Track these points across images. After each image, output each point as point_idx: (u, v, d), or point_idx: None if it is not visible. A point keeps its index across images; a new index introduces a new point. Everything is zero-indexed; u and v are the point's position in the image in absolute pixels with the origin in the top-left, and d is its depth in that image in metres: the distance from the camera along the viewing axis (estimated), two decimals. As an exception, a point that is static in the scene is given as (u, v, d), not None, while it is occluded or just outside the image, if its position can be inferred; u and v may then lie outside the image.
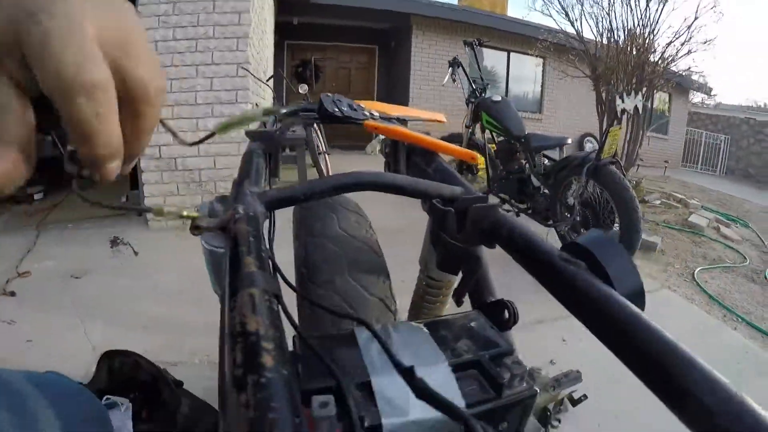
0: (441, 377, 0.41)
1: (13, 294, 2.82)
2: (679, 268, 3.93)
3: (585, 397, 1.97)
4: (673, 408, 0.31)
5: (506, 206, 4.14)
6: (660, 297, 3.28)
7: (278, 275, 0.45)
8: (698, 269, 3.92)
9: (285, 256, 0.92)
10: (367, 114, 0.84)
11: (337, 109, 0.79)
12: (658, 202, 6.10)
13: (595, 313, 0.40)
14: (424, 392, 0.29)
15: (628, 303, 0.39)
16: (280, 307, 0.34)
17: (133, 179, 4.22)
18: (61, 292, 2.90)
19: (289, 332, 0.42)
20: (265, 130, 0.89)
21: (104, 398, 1.58)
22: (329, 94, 0.80)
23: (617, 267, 0.43)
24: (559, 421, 2.10)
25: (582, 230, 3.44)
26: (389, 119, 0.88)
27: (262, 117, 0.39)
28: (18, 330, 2.35)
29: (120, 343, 1.83)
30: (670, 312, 3.05)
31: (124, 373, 1.70)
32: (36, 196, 4.87)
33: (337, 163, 5.04)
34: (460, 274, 0.70)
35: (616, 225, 3.22)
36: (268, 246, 0.55)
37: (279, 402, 0.23)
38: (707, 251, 4.54)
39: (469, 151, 0.86)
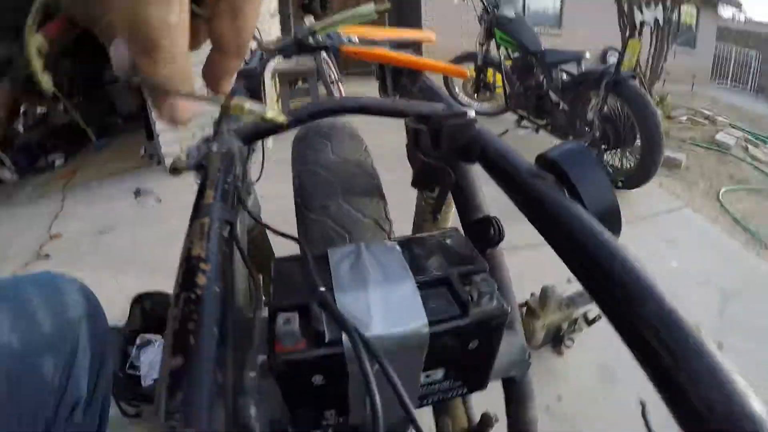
0: (406, 294, 0.42)
1: (47, 257, 2.94)
2: (703, 188, 3.84)
3: (599, 317, 2.00)
4: (631, 348, 0.30)
5: (525, 122, 4.09)
6: (682, 217, 3.23)
7: (242, 206, 0.45)
8: (723, 189, 3.82)
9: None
10: (345, 40, 0.83)
11: (311, 40, 0.79)
12: (684, 118, 5.89)
13: (563, 234, 0.38)
14: (333, 313, 0.29)
15: (598, 225, 0.36)
16: (232, 234, 0.34)
17: (148, 130, 4.25)
18: (92, 248, 3.01)
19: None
20: (245, 68, 0.88)
21: (138, 337, 1.67)
22: (306, 24, 0.79)
23: (588, 183, 0.41)
24: (573, 341, 2.14)
25: (602, 146, 3.37)
26: (372, 43, 0.87)
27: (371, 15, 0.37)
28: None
29: (152, 287, 1.91)
30: (692, 233, 3.01)
31: (156, 313, 1.79)
32: (57, 163, 4.97)
33: (353, 90, 4.96)
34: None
35: (638, 141, 3.15)
36: (246, 178, 0.56)
37: (202, 315, 0.25)
38: (734, 171, 4.40)
39: (456, 67, 0.86)
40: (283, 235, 0.44)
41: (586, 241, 0.35)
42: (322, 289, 0.29)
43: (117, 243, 3.05)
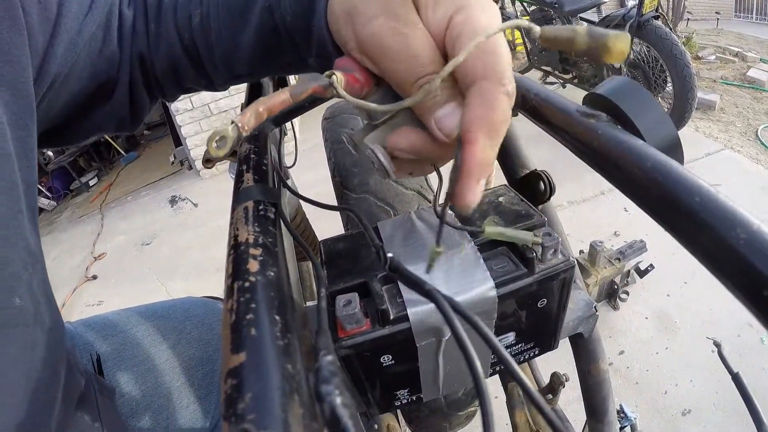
0: (467, 259, 0.39)
1: (95, 277, 3.03)
2: (741, 127, 3.66)
3: (652, 266, 1.97)
4: (723, 279, 0.26)
5: (551, 78, 4.00)
6: (723, 158, 3.11)
7: (285, 185, 0.43)
8: (762, 127, 3.63)
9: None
10: None
11: None
12: (712, 57, 5.63)
13: (628, 171, 0.34)
14: (394, 270, 0.27)
15: (663, 157, 0.33)
16: (278, 214, 0.33)
17: (175, 137, 4.30)
18: (137, 261, 3.09)
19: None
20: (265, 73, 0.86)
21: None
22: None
23: (645, 115, 0.38)
24: (628, 294, 2.09)
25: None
26: None
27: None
28: (106, 308, 2.51)
29: (199, 291, 1.93)
30: (734, 173, 2.90)
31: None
32: (91, 183, 5.09)
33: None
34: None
35: (669, 85, 3.04)
36: (279, 160, 0.54)
37: (260, 302, 0.23)
38: (770, 107, 4.20)
39: None
40: (333, 207, 0.42)
41: (654, 175, 0.32)
42: (390, 254, 0.27)
43: (160, 252, 3.11)
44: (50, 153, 4.87)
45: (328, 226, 1.09)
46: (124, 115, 0.54)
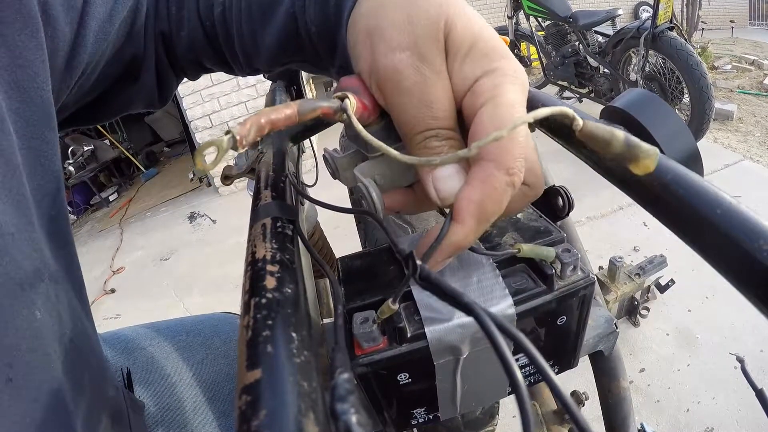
0: (485, 276, 0.39)
1: (113, 291, 3.06)
2: (759, 137, 3.63)
3: (672, 282, 1.94)
4: (745, 291, 0.26)
5: (567, 93, 4.00)
6: (742, 169, 3.08)
7: (303, 200, 0.44)
8: None
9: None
10: None
11: None
12: (728, 66, 5.60)
13: (647, 184, 0.33)
14: (425, 279, 0.27)
15: (683, 169, 0.32)
16: (296, 232, 0.33)
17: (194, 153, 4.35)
18: (155, 276, 3.11)
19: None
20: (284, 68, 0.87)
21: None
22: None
23: (663, 127, 0.37)
24: (648, 310, 2.06)
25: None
26: None
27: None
28: (123, 322, 2.54)
29: (217, 307, 1.94)
30: (755, 184, 2.87)
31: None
32: (111, 198, 5.17)
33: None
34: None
35: (686, 96, 3.03)
36: (297, 177, 0.54)
37: (277, 319, 0.23)
38: (789, 115, 4.16)
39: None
40: (349, 210, 0.41)
41: (675, 188, 0.31)
42: (419, 262, 0.26)
43: (178, 267, 3.14)
44: (71, 168, 4.95)
45: (346, 244, 1.08)
46: (152, 92, 0.55)
